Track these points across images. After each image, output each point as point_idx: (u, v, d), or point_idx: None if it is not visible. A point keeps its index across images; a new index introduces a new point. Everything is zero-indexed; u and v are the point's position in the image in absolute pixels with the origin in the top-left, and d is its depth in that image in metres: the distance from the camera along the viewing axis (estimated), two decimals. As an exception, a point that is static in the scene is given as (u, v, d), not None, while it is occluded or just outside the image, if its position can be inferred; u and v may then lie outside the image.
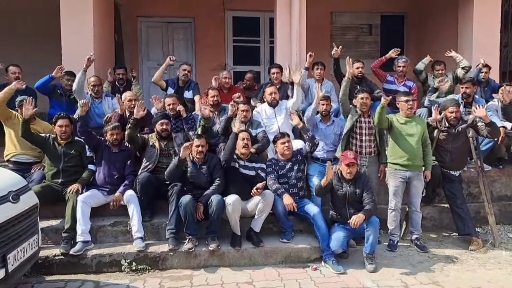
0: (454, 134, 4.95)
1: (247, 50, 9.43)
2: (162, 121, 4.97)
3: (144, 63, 9.21)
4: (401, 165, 4.76)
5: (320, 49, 6.61)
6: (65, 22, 6.23)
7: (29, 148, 5.02)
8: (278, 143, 4.87)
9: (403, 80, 6.30)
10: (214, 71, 8.75)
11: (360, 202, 4.47)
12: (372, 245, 4.35)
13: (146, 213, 4.74)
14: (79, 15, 6.23)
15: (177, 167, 4.58)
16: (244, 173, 4.74)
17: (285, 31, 6.72)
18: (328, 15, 9.40)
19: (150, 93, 8.41)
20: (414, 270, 4.34)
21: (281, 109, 5.61)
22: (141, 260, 4.39)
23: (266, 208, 4.58)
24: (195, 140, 4.74)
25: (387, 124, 4.80)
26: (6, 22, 8.03)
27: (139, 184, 4.69)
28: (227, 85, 6.40)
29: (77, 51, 6.13)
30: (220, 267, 4.43)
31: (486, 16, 6.82)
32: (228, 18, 9.31)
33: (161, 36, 9.26)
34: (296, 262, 4.51)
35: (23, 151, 5.06)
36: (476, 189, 5.55)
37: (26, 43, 7.97)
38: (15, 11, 7.97)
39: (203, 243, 4.52)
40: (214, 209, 4.42)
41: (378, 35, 9.52)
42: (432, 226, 5.41)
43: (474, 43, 6.80)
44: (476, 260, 4.58)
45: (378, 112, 4.73)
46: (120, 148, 4.93)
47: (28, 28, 8.09)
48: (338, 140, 5.29)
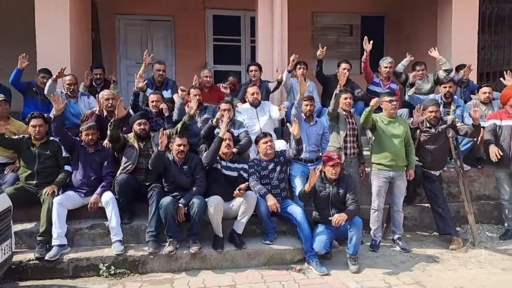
0: (435, 135, 4.98)
1: (228, 49, 9.34)
2: (140, 121, 4.83)
3: (122, 61, 9.01)
4: (385, 165, 4.76)
5: (301, 50, 6.57)
6: (40, 19, 6.04)
7: (1, 148, 4.82)
8: (260, 143, 4.81)
9: (388, 82, 6.32)
10: (194, 70, 8.67)
11: (343, 203, 4.44)
12: (356, 246, 4.33)
13: (125, 215, 4.60)
14: (55, 12, 6.05)
15: (158, 157, 4.48)
16: (226, 174, 4.66)
17: (267, 31, 6.67)
18: (310, 16, 9.40)
19: (128, 93, 8.26)
20: (397, 270, 4.34)
21: (264, 110, 5.55)
22: (120, 263, 4.26)
23: (249, 210, 4.51)
24: (176, 139, 4.63)
25: (371, 124, 4.79)
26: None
27: (117, 185, 4.55)
28: (208, 84, 6.30)
29: (53, 49, 5.98)
30: (202, 270, 4.34)
31: (464, 19, 6.92)
32: (209, 16, 9.21)
33: (140, 35, 9.09)
34: (280, 264, 4.45)
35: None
36: (456, 188, 5.62)
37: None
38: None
39: (184, 246, 4.42)
40: (196, 210, 4.33)
41: (358, 35, 9.55)
42: (413, 226, 5.45)
43: (453, 45, 6.89)
44: (457, 260, 4.62)
45: (365, 113, 4.72)
46: (97, 148, 4.77)
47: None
48: (321, 140, 5.27)
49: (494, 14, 7.64)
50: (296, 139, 4.72)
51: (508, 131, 5.04)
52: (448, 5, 7.04)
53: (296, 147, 4.75)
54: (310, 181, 4.37)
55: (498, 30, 7.90)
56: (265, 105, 5.62)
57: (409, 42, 8.70)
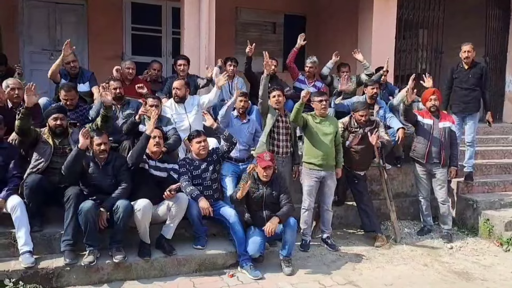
0: (362, 136, 5.09)
1: (148, 40, 8.81)
2: (57, 116, 4.25)
3: (26, 47, 8.05)
4: (316, 165, 4.76)
5: (225, 44, 6.40)
6: None
7: None
8: (193, 142, 4.53)
9: (312, 80, 6.38)
10: (109, 60, 8.04)
11: (276, 204, 4.35)
12: (290, 247, 4.27)
13: (36, 222, 4.04)
14: None
15: (76, 159, 3.96)
16: (155, 175, 4.30)
17: (193, 22, 6.35)
18: (233, 10, 9.22)
19: (33, 80, 7.33)
20: (329, 270, 4.37)
21: (192, 104, 5.25)
22: (30, 278, 3.74)
23: (180, 213, 4.21)
24: (95, 137, 4.14)
25: (303, 122, 4.75)
26: None
27: (27, 188, 3.96)
28: (130, 76, 5.83)
29: None
30: (127, 281, 3.97)
31: (383, 24, 7.22)
32: (126, 3, 8.59)
33: (47, 18, 8.18)
34: (211, 270, 4.23)
35: None
36: (378, 186, 5.85)
37: None
38: None
39: (106, 255, 4.00)
40: (120, 215, 3.92)
41: (281, 33, 9.61)
42: (339, 224, 5.55)
43: (373, 48, 7.16)
44: (383, 257, 4.77)
45: (296, 108, 4.64)
46: (2, 146, 4.12)
47: None
48: (253, 139, 5.14)
49: (409, 20, 8.12)
50: (226, 136, 4.60)
51: (427, 128, 5.30)
52: (368, 10, 7.30)
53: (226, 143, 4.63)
54: (242, 189, 4.20)
55: (406, 35, 8.44)
56: (194, 100, 5.32)
57: (329, 45, 8.90)
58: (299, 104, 4.63)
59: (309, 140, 4.83)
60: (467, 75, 5.97)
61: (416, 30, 8.57)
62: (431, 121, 5.31)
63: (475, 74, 5.94)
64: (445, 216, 5.38)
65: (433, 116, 5.37)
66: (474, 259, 4.84)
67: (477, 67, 5.97)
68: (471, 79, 5.95)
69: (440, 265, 4.63)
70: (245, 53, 6.03)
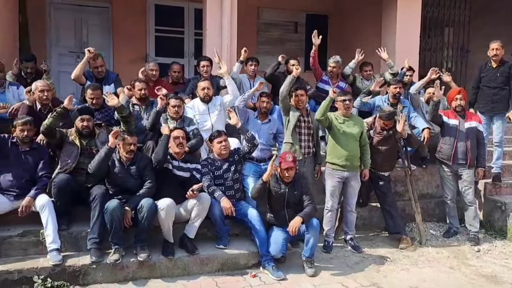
0: (387, 136, 5.02)
1: (170, 41, 8.91)
2: (83, 117, 4.35)
3: (52, 48, 8.26)
4: (339, 165, 4.71)
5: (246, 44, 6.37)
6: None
7: None
8: (214, 142, 4.55)
9: (336, 81, 6.30)
10: (133, 62, 8.17)
11: (298, 204, 4.33)
12: (312, 248, 4.24)
13: (63, 221, 4.13)
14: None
15: (104, 158, 4.05)
16: (178, 175, 4.34)
17: (215, 23, 6.40)
18: (255, 10, 9.24)
19: (60, 82, 7.60)
20: (352, 272, 4.32)
21: (215, 105, 5.28)
22: (57, 275, 3.81)
23: (202, 213, 4.24)
24: (127, 137, 4.21)
25: (328, 122, 4.72)
26: None
27: (55, 187, 4.05)
28: (154, 78, 5.90)
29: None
30: (151, 279, 4.01)
31: (408, 22, 7.11)
32: (150, 6, 8.72)
33: (74, 21, 8.38)
34: (234, 270, 4.24)
35: None
36: (402, 187, 5.76)
37: None
38: None
39: (131, 253, 4.06)
40: (145, 214, 3.98)
41: (303, 33, 9.57)
42: (362, 225, 5.48)
43: (397, 47, 7.06)
44: (408, 259, 4.69)
45: (324, 105, 4.62)
46: (32, 146, 4.23)
47: None
48: (273, 139, 5.14)
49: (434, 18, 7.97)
50: (248, 137, 4.57)
51: (453, 129, 5.21)
52: (392, 8, 7.20)
53: (248, 144, 4.61)
54: (269, 169, 4.20)
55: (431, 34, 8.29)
56: (216, 100, 5.35)
57: (352, 43, 8.81)
58: (328, 100, 4.60)
59: (332, 140, 4.79)
60: (495, 74, 5.83)
61: (441, 28, 8.42)
62: (457, 121, 5.20)
63: (503, 73, 5.79)
64: (472, 218, 5.26)
65: (459, 116, 5.26)
66: (503, 262, 4.72)
67: (506, 65, 5.81)
68: (500, 78, 5.80)
69: (467, 268, 4.53)
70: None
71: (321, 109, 4.66)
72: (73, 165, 4.23)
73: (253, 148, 4.66)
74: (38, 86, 4.74)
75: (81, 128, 4.33)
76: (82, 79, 5.53)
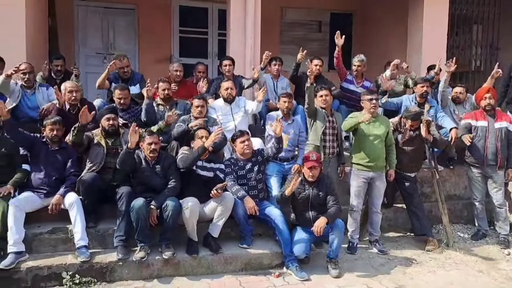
0: (413, 137, 4.93)
1: (194, 42, 8.98)
2: (109, 116, 4.44)
3: (81, 50, 8.44)
4: (365, 166, 4.66)
5: (270, 44, 6.39)
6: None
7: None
8: (237, 142, 4.57)
9: (361, 81, 6.21)
10: (158, 62, 8.29)
11: (323, 205, 4.30)
12: (337, 249, 4.21)
13: (91, 218, 4.23)
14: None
15: (127, 155, 4.13)
16: (202, 175, 4.37)
17: (239, 23, 6.41)
18: (279, 10, 9.21)
19: (88, 83, 7.76)
20: (377, 273, 4.27)
21: (238, 106, 5.30)
22: (85, 271, 3.91)
23: (226, 212, 4.26)
24: (147, 137, 4.30)
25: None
26: None
27: (83, 185, 4.16)
28: (178, 78, 5.96)
29: (6, 34, 5.43)
30: (176, 277, 4.06)
31: (435, 19, 6.96)
32: (175, 7, 8.80)
33: (101, 22, 8.54)
34: (257, 269, 4.25)
35: None
36: (429, 188, 5.65)
37: None
38: None
39: (156, 251, 4.12)
40: (169, 213, 4.03)
41: (327, 32, 9.49)
42: (388, 226, 5.40)
43: (424, 45, 6.93)
44: (434, 261, 4.61)
45: (352, 124, 4.63)
46: (60, 146, 4.35)
47: None
48: (297, 140, 5.12)
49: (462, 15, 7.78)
50: (277, 137, 4.53)
51: (482, 131, 5.09)
52: (419, 6, 7.06)
53: (276, 145, 4.57)
54: (291, 185, 4.17)
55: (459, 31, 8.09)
56: (240, 101, 5.38)
57: (377, 42, 8.74)
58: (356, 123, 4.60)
59: (357, 141, 4.74)
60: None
61: (469, 26, 8.19)
62: (486, 122, 5.08)
63: (534, 71, 5.62)
64: (502, 220, 5.13)
65: (488, 116, 5.13)
66: (534, 266, 4.58)
67: (537, 63, 5.64)
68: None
69: (497, 272, 4.41)
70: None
71: (349, 126, 4.66)
72: (100, 165, 4.32)
73: (280, 150, 4.65)
74: (67, 87, 4.87)
75: (107, 127, 4.42)
76: (106, 85, 5.62)
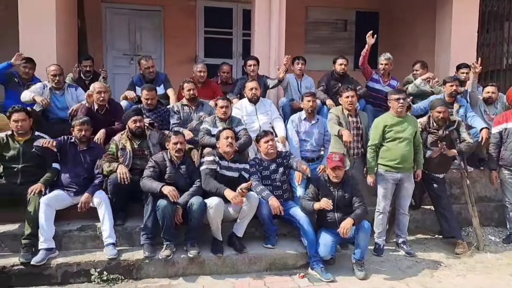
0: (442, 137, 4.81)
1: (219, 42, 9.03)
2: (135, 118, 4.51)
3: (108, 52, 8.60)
4: (392, 167, 4.57)
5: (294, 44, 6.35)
6: (23, 5, 5.61)
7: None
8: (261, 142, 4.57)
9: (388, 79, 6.12)
10: (184, 63, 8.37)
11: (349, 206, 4.24)
12: (363, 251, 4.16)
13: (119, 217, 4.31)
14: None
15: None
16: (227, 175, 4.38)
17: (263, 23, 6.40)
18: (303, 9, 9.17)
19: (115, 84, 7.92)
20: (404, 276, 4.19)
21: (264, 106, 5.30)
22: (113, 269, 3.98)
23: (251, 212, 4.27)
24: (172, 137, 4.34)
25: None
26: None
27: (111, 184, 4.24)
28: (202, 79, 6.01)
29: (37, 37, 5.58)
30: (200, 276, 4.09)
31: (465, 17, 6.78)
32: (200, 8, 8.88)
33: (128, 24, 8.68)
34: (282, 269, 4.24)
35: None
36: (458, 190, 5.52)
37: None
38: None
39: (182, 250, 4.16)
40: (194, 212, 4.06)
41: (352, 31, 9.39)
42: (415, 228, 5.28)
43: (452, 43, 6.76)
44: (463, 265, 4.49)
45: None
46: (89, 145, 4.45)
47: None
48: (323, 139, 5.09)
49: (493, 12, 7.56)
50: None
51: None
52: (448, 3, 6.89)
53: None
54: (322, 204, 4.14)
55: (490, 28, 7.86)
56: (265, 102, 5.37)
57: (404, 41, 8.58)
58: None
59: (385, 142, 4.64)
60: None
61: (501, 23, 7.94)
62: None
63: None
64: (536, 223, 4.95)
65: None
66: None
67: None
68: None
69: (530, 277, 4.26)
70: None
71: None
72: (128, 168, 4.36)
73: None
74: (95, 87, 4.98)
75: (134, 129, 4.49)
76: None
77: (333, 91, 5.90)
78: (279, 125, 5.21)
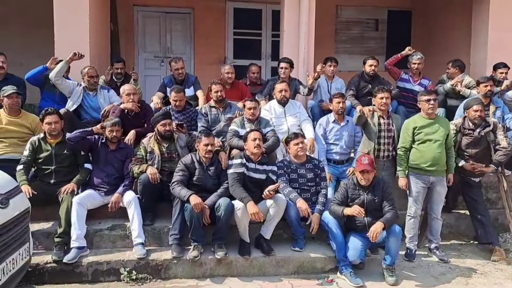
0: (477, 138, 4.64)
1: (248, 43, 9.04)
2: (164, 122, 4.55)
3: (140, 54, 8.77)
4: (424, 170, 4.43)
5: (324, 44, 6.25)
6: (58, 8, 5.77)
7: (16, 144, 4.59)
8: (291, 144, 4.52)
9: (418, 78, 5.96)
10: (213, 64, 8.42)
11: (379, 210, 4.14)
12: (394, 256, 4.05)
13: (148, 217, 4.37)
14: (74, 2, 5.78)
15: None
16: (254, 178, 4.35)
17: (292, 24, 6.35)
18: (333, 9, 9.06)
19: (147, 86, 8.05)
20: (437, 283, 4.05)
21: (293, 108, 5.25)
22: (142, 268, 4.03)
23: (278, 213, 4.23)
24: (203, 138, 4.34)
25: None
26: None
27: (140, 185, 4.30)
28: (230, 80, 6.01)
29: (71, 39, 5.71)
30: (228, 277, 4.09)
31: (502, 14, 6.51)
32: (229, 9, 8.92)
33: (159, 27, 8.82)
34: (310, 273, 4.18)
35: (10, 148, 4.60)
36: (494, 194, 5.31)
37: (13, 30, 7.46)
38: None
39: (209, 251, 4.17)
40: (222, 213, 4.06)
41: (384, 30, 9.22)
42: (448, 233, 5.10)
43: (490, 41, 6.51)
44: (501, 272, 4.30)
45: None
46: (119, 146, 4.53)
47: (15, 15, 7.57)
48: (353, 141, 5.00)
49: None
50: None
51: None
52: (484, 1, 6.65)
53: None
54: (351, 210, 4.07)
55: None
56: (295, 104, 5.31)
57: (438, 40, 8.34)
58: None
59: (415, 144, 4.51)
60: None
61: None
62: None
63: None
64: None
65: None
66: None
67: None
68: None
69: None
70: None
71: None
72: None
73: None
74: (125, 89, 5.08)
75: (163, 132, 4.53)
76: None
77: (364, 92, 5.79)
78: (308, 127, 5.14)
